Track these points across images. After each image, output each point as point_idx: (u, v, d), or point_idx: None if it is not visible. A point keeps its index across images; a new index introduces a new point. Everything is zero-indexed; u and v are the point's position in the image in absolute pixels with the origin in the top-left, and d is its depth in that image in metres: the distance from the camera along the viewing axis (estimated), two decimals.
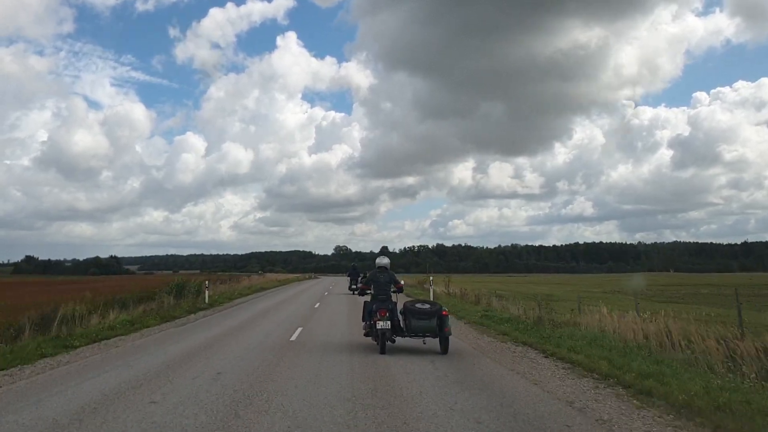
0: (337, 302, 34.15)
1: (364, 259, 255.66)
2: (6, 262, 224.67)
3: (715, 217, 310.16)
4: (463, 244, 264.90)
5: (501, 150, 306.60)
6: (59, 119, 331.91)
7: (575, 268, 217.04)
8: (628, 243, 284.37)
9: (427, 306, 13.16)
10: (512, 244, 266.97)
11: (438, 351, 12.99)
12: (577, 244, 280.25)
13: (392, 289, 13.75)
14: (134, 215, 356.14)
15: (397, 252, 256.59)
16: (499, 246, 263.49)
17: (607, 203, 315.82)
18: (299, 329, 18.86)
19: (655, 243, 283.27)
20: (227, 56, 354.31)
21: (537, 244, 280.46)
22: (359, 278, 36.10)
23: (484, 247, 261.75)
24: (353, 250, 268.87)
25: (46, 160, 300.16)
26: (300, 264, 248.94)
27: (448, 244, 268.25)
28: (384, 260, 14.27)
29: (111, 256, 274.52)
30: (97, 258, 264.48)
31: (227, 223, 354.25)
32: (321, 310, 28.37)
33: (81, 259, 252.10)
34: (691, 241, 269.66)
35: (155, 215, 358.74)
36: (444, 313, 13.05)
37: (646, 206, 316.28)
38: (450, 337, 13.27)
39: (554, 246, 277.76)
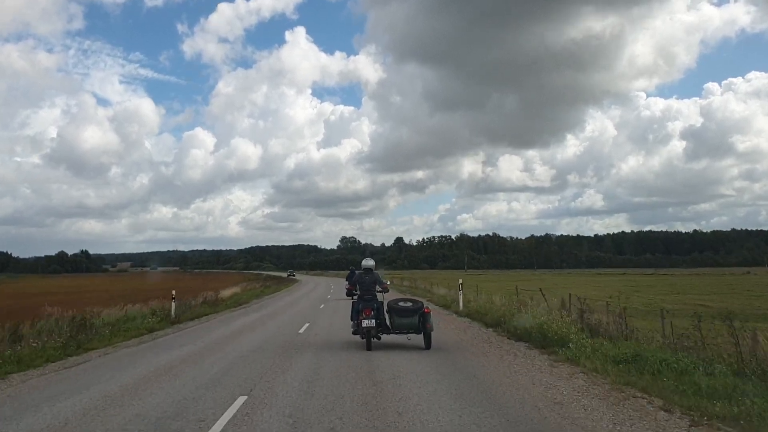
0: None
1: (375, 253, 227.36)
2: None
3: (725, 209, 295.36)
4: (491, 234, 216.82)
5: (512, 142, 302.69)
6: (68, 116, 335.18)
7: (651, 261, 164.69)
8: (683, 232, 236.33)
9: (409, 304, 13.05)
10: (546, 234, 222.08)
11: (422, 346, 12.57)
12: (623, 233, 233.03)
13: (378, 289, 13.17)
14: (143, 211, 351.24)
15: (414, 244, 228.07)
16: (532, 236, 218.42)
17: (617, 196, 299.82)
18: None
19: (716, 231, 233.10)
20: (236, 50, 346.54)
21: (575, 234, 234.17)
22: None
23: (515, 237, 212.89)
24: (363, 242, 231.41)
25: (56, 157, 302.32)
26: (296, 259, 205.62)
27: (473, 234, 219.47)
28: (369, 262, 13.67)
29: (81, 251, 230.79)
30: (61, 253, 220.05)
31: (236, 219, 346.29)
32: None
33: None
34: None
35: (164, 211, 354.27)
36: (426, 310, 12.88)
37: (657, 198, 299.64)
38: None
39: (595, 236, 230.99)
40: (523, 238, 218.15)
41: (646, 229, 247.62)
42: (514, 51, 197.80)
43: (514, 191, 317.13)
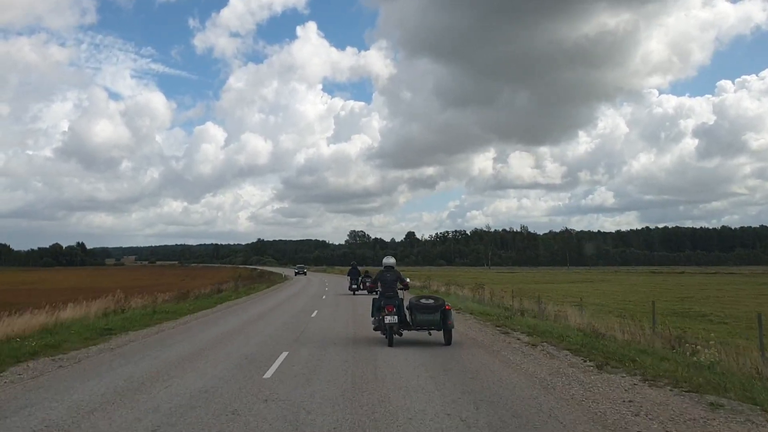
0: None
1: (386, 247, 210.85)
2: None
3: (737, 207, 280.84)
4: (508, 229, 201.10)
5: (523, 139, 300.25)
6: (80, 110, 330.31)
7: (690, 257, 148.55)
8: (710, 228, 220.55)
9: (431, 301, 12.98)
10: (565, 229, 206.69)
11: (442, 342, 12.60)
12: (647, 228, 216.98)
13: (399, 287, 13.25)
14: (153, 205, 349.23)
15: (427, 238, 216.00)
16: (551, 232, 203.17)
17: (628, 193, 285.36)
18: None
19: (744, 227, 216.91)
20: (247, 45, 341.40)
21: (595, 230, 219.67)
22: (359, 278, 32.78)
23: (537, 233, 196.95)
24: (372, 237, 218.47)
25: (67, 151, 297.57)
26: (299, 254, 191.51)
27: (489, 229, 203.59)
28: (390, 260, 13.80)
29: (77, 243, 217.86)
30: (55, 245, 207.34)
31: (245, 214, 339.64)
32: None
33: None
34: None
35: (174, 205, 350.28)
36: (447, 307, 12.85)
37: (668, 196, 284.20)
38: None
39: (618, 231, 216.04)
40: (540, 234, 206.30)
41: (672, 225, 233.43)
42: (527, 47, 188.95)
43: (524, 188, 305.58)
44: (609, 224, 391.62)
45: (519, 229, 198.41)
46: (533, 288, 28.22)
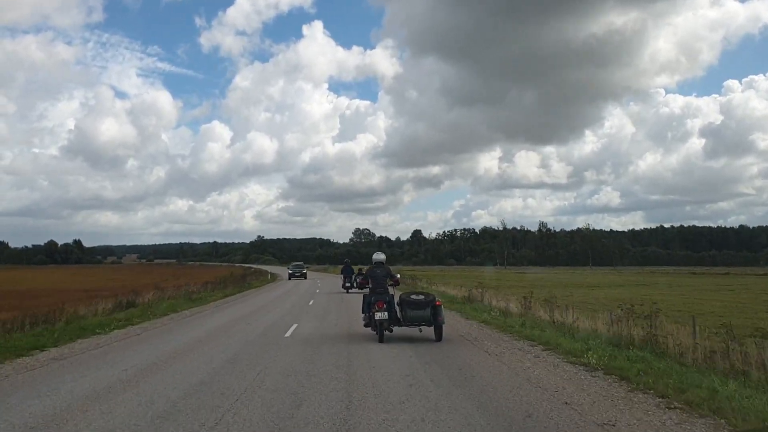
0: None
1: (392, 245, 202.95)
2: None
3: (744, 207, 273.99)
4: (518, 227, 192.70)
5: (529, 138, 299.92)
6: (86, 109, 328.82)
7: (715, 258, 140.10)
8: (727, 227, 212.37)
9: (421, 297, 13.00)
10: (579, 228, 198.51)
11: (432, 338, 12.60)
12: (662, 227, 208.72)
13: (389, 283, 13.32)
14: (159, 204, 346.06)
15: (434, 236, 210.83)
16: (562, 230, 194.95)
17: (634, 193, 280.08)
18: None
19: (762, 227, 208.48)
20: (254, 43, 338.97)
21: (606, 230, 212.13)
22: (353, 276, 32.57)
23: (550, 229, 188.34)
24: (377, 235, 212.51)
25: (73, 149, 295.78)
26: (301, 252, 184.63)
27: (505, 226, 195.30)
28: (380, 256, 13.86)
29: (74, 241, 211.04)
30: (50, 243, 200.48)
31: (250, 212, 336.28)
32: None
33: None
34: None
35: (180, 204, 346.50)
36: (437, 303, 12.85)
37: (674, 196, 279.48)
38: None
39: (631, 230, 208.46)
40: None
41: (677, 225, 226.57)
42: (533, 46, 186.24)
43: (530, 188, 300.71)
44: (615, 224, 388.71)
45: (529, 228, 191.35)
46: (599, 295, 20.20)
